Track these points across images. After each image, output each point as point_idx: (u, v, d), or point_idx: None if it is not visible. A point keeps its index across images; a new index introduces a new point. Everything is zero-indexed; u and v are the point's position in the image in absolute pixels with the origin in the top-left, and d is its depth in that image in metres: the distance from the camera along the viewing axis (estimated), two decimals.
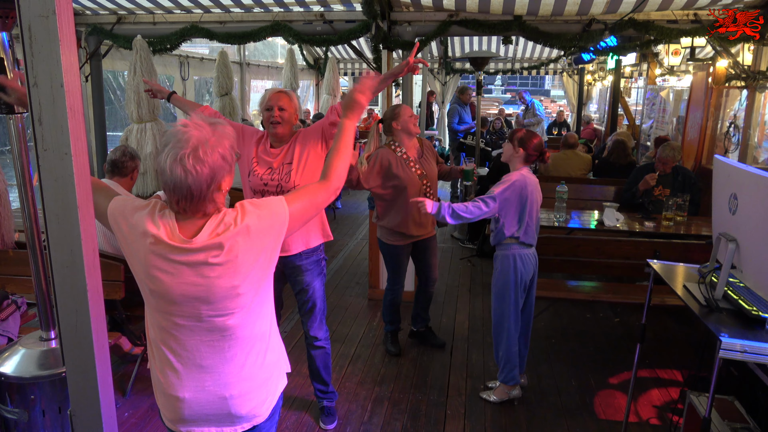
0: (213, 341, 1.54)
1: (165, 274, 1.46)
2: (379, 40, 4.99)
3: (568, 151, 6.16)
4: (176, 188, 1.40)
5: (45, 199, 1.18)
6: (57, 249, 1.21)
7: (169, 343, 1.55)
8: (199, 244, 1.44)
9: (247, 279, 1.50)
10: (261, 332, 1.62)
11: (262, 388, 1.64)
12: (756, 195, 1.86)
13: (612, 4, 4.71)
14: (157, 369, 1.59)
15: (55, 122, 1.16)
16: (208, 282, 1.46)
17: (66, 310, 1.24)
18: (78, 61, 1.19)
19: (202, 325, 1.52)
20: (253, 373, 1.60)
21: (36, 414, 2.14)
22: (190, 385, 1.55)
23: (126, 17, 5.61)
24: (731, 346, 1.73)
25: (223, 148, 1.42)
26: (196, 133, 1.39)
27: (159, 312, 1.54)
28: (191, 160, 1.36)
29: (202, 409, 1.57)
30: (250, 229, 1.48)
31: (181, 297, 1.48)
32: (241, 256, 1.47)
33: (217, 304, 1.49)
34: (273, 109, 2.66)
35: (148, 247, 1.46)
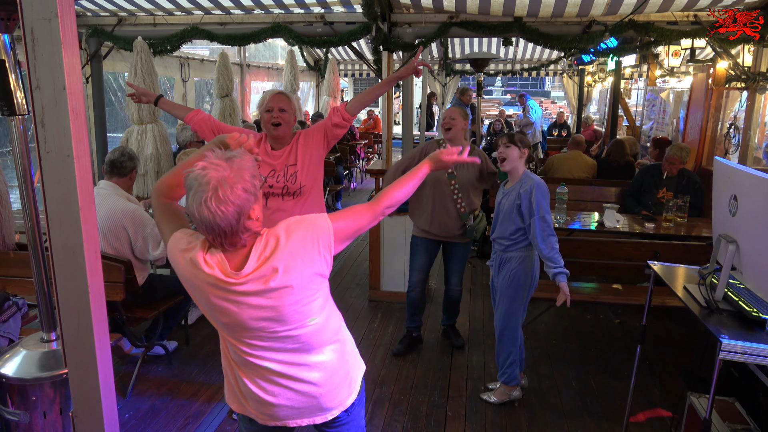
0: (294, 352, 1.63)
1: (231, 304, 1.52)
2: (379, 41, 4.99)
3: (574, 152, 6.12)
4: (209, 229, 1.45)
5: (47, 201, 1.19)
6: (59, 251, 1.21)
7: (250, 367, 1.64)
8: (250, 272, 1.49)
9: (308, 291, 1.56)
10: (334, 330, 1.72)
11: (346, 378, 1.76)
12: (756, 196, 1.86)
13: (612, 6, 4.71)
14: (238, 385, 1.69)
15: (58, 125, 1.16)
16: (275, 304, 1.52)
17: (68, 311, 1.24)
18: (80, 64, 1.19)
19: (281, 342, 1.60)
20: (336, 368, 1.71)
21: (37, 415, 2.14)
22: (281, 393, 1.66)
23: (127, 19, 5.62)
24: (731, 347, 1.73)
25: (243, 183, 1.44)
26: (215, 174, 1.42)
27: (235, 339, 1.61)
28: (214, 203, 1.40)
29: (293, 409, 1.69)
30: (296, 245, 1.53)
31: (253, 322, 1.54)
32: (295, 273, 1.52)
33: (290, 322, 1.57)
34: (273, 111, 2.66)
35: (206, 288, 1.51)
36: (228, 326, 1.58)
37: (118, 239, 3.30)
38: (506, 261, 3.13)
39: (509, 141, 3.04)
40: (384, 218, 4.09)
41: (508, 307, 3.14)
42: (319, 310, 1.63)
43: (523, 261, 3.07)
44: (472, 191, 3.61)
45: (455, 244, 3.73)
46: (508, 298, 3.13)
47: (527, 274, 3.07)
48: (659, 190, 4.62)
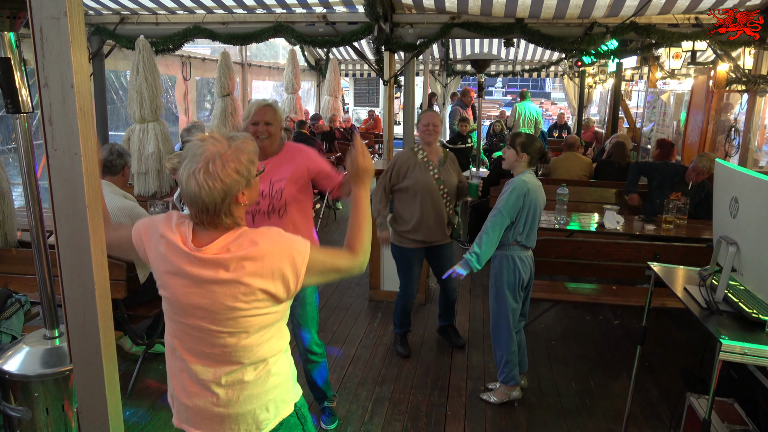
0: (214, 356, 1.54)
1: (177, 277, 1.47)
2: (381, 41, 5.01)
3: (569, 153, 6.17)
4: (192, 201, 1.42)
5: (54, 198, 1.20)
6: (66, 248, 1.22)
7: (177, 348, 1.58)
8: (208, 255, 1.45)
9: (253, 303, 1.48)
10: (265, 356, 1.59)
11: (260, 412, 1.61)
12: (757, 199, 1.87)
13: (613, 8, 4.73)
14: (171, 370, 1.64)
15: (66, 123, 1.17)
16: (214, 298, 1.47)
17: (74, 308, 1.25)
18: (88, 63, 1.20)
19: (208, 341, 1.52)
20: (251, 396, 1.58)
21: (39, 412, 2.15)
22: (195, 396, 1.57)
23: (129, 17, 5.63)
24: (731, 348, 1.74)
25: (237, 163, 1.42)
26: (211, 148, 1.41)
27: (173, 321, 1.57)
28: (202, 175, 1.38)
29: (200, 418, 1.59)
30: (263, 255, 1.47)
31: (190, 308, 1.49)
32: (246, 279, 1.45)
33: (221, 324, 1.49)
34: (259, 124, 2.61)
35: (163, 252, 1.48)
36: (170, 303, 1.53)
37: None
38: (493, 260, 3.20)
39: (510, 143, 3.12)
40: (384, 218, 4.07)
41: (494, 306, 3.21)
42: (257, 328, 1.54)
43: (503, 259, 3.12)
44: (454, 195, 3.70)
45: (442, 246, 3.74)
46: (493, 296, 3.21)
47: (509, 273, 3.11)
48: (674, 192, 4.60)
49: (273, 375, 1.61)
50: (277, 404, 1.64)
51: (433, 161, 3.59)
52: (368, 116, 13.07)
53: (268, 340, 1.58)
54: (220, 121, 6.51)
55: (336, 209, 7.98)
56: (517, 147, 3.05)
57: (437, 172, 3.56)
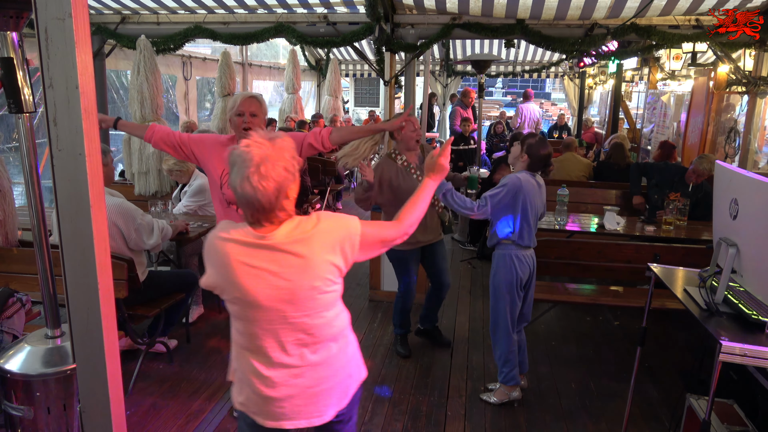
0: (300, 343, 1.66)
1: (251, 270, 1.56)
2: (382, 42, 5.01)
3: (568, 154, 6.18)
4: (249, 204, 1.52)
5: (58, 199, 1.20)
6: (70, 248, 1.22)
7: (256, 353, 1.67)
8: (276, 241, 1.57)
9: (324, 279, 1.62)
10: (341, 328, 1.76)
11: (347, 379, 1.78)
12: (756, 200, 1.88)
13: (614, 9, 4.73)
14: (248, 373, 1.70)
15: (70, 123, 1.18)
16: (290, 284, 1.58)
17: (77, 308, 1.26)
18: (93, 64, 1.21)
19: (289, 329, 1.63)
20: (338, 367, 1.74)
21: (41, 411, 2.16)
22: (282, 387, 1.67)
23: (130, 17, 5.63)
24: (731, 349, 1.74)
25: (284, 161, 1.53)
26: (258, 151, 1.50)
27: (247, 321, 1.65)
28: (256, 178, 1.48)
29: (292, 406, 1.69)
30: (325, 231, 1.61)
31: (267, 301, 1.59)
32: (318, 256, 1.59)
33: (301, 307, 1.61)
34: (245, 115, 2.63)
35: (229, 258, 1.58)
36: (242, 303, 1.61)
37: (111, 236, 3.31)
38: (492, 259, 3.22)
39: (521, 140, 3.10)
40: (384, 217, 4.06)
41: (493, 305, 3.22)
42: (331, 304, 1.69)
43: (501, 259, 3.13)
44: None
45: (435, 244, 3.75)
46: (492, 295, 3.21)
47: (506, 272, 3.11)
48: (672, 192, 4.61)
49: (350, 343, 1.81)
50: (359, 368, 1.85)
51: (414, 163, 3.56)
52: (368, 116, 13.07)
53: (339, 314, 1.76)
54: (221, 120, 6.52)
55: (336, 209, 7.98)
56: (524, 146, 3.06)
57: (419, 173, 3.54)
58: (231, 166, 1.53)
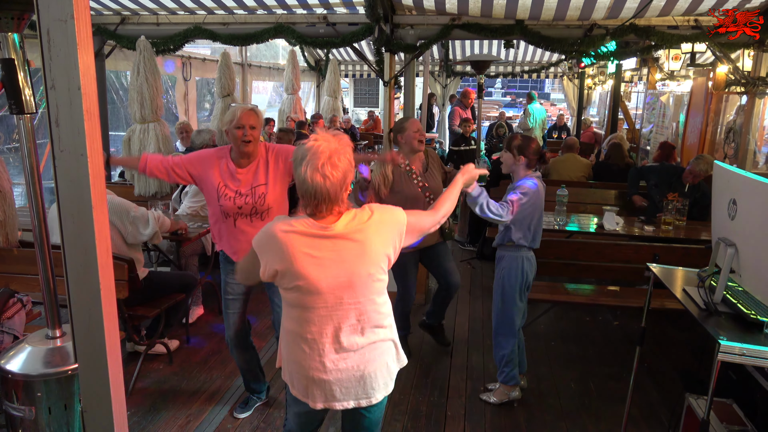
0: (353, 328, 1.79)
1: (313, 260, 1.70)
2: (381, 43, 5.02)
3: (568, 155, 6.20)
4: (317, 193, 1.66)
5: (60, 199, 1.21)
6: (72, 248, 1.23)
7: (308, 333, 1.79)
8: (339, 231, 1.70)
9: (378, 267, 1.77)
10: (387, 314, 1.89)
11: (392, 364, 1.92)
12: (755, 200, 1.89)
13: (613, 10, 4.74)
14: (299, 358, 1.83)
15: (72, 124, 1.19)
16: (349, 270, 1.72)
17: (79, 308, 1.26)
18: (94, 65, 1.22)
19: (343, 312, 1.76)
20: (384, 351, 1.87)
21: (42, 411, 2.16)
22: (333, 369, 1.80)
23: (130, 18, 5.64)
24: (730, 349, 1.75)
25: (348, 154, 1.70)
26: (327, 144, 1.66)
27: (304, 307, 1.77)
28: (329, 168, 1.63)
29: (342, 389, 1.82)
30: (380, 222, 1.76)
31: (326, 287, 1.72)
32: (375, 245, 1.74)
33: (357, 291, 1.75)
34: (245, 128, 2.68)
35: (292, 249, 1.69)
36: (303, 291, 1.73)
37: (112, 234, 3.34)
38: (499, 260, 3.20)
39: (506, 147, 3.11)
40: None
41: (499, 306, 3.20)
42: (381, 291, 1.83)
43: (513, 260, 3.11)
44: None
45: (435, 246, 3.72)
46: (499, 296, 3.19)
47: (517, 274, 3.10)
48: (670, 192, 4.62)
49: (393, 327, 1.93)
50: (399, 351, 1.97)
51: (417, 169, 3.53)
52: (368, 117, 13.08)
53: (387, 302, 1.88)
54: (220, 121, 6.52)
55: None
56: (514, 150, 3.05)
57: (421, 179, 3.52)
58: (299, 160, 1.66)
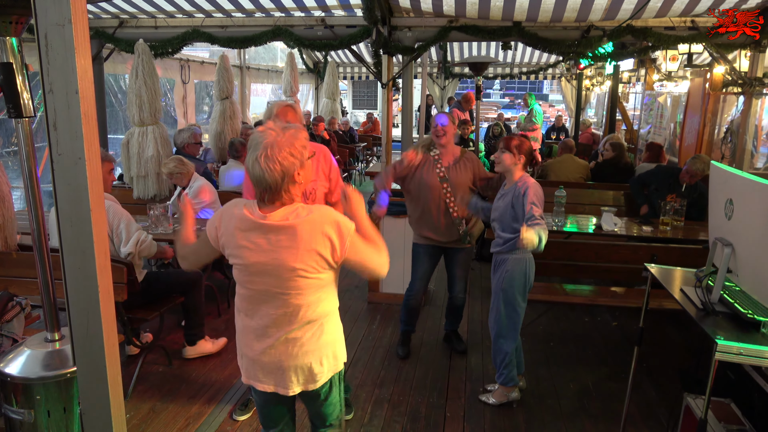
0: (277, 316, 1.85)
1: (248, 243, 1.78)
2: (379, 45, 5.03)
3: (566, 156, 6.21)
4: (258, 182, 1.73)
5: (58, 203, 1.21)
6: (70, 252, 1.23)
7: (246, 311, 1.90)
8: (273, 222, 1.76)
9: (309, 264, 1.78)
10: (320, 315, 1.91)
11: (315, 365, 1.92)
12: (751, 200, 1.90)
13: (610, 11, 4.76)
14: (240, 331, 1.95)
15: (70, 128, 1.19)
16: (277, 258, 1.76)
17: (78, 312, 1.27)
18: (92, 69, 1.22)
19: (275, 300, 1.83)
20: (308, 350, 1.89)
21: (41, 414, 2.16)
22: (258, 348, 1.89)
23: (128, 21, 5.65)
24: (727, 348, 1.76)
25: (291, 148, 1.72)
26: (269, 136, 1.71)
27: (241, 284, 1.88)
28: (263, 160, 1.68)
29: (265, 372, 1.91)
30: (316, 222, 1.78)
31: (257, 272, 1.80)
32: (304, 241, 1.76)
33: (283, 282, 1.79)
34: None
35: (235, 226, 1.80)
36: (241, 268, 1.83)
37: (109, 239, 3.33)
38: (501, 262, 3.16)
39: (505, 146, 3.09)
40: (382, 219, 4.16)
41: (504, 310, 3.16)
42: (312, 290, 1.84)
43: (517, 263, 3.10)
44: (463, 195, 3.57)
45: (456, 250, 3.71)
46: (502, 299, 3.15)
47: (521, 276, 3.09)
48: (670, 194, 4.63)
49: (325, 333, 1.94)
50: (329, 360, 1.97)
51: (444, 161, 3.55)
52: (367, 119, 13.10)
53: (321, 302, 1.89)
54: (219, 124, 6.53)
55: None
56: (513, 149, 3.06)
57: (444, 170, 3.52)
58: (248, 147, 1.74)
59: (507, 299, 3.14)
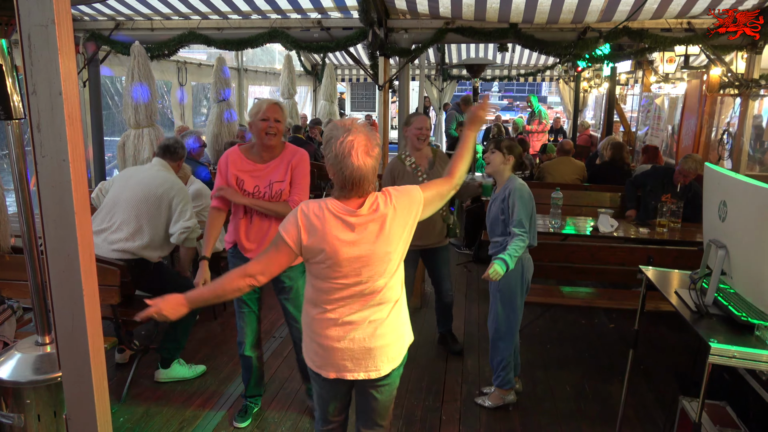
0: (367, 299, 1.92)
1: (339, 237, 1.83)
2: (376, 47, 5.03)
3: (563, 158, 6.20)
4: (350, 177, 1.80)
5: (42, 205, 1.20)
6: (54, 254, 1.22)
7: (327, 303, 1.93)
8: (361, 213, 1.84)
9: (397, 245, 1.90)
10: (399, 292, 2.01)
11: (401, 339, 2.04)
12: (744, 202, 1.89)
13: (607, 13, 4.76)
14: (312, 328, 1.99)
15: (54, 129, 1.18)
16: (370, 249, 1.85)
17: (63, 315, 1.25)
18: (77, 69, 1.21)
19: (359, 287, 1.89)
20: (394, 326, 2.00)
21: (31, 418, 2.14)
22: (344, 339, 1.93)
23: (124, 23, 5.65)
24: (721, 351, 1.74)
25: (377, 142, 1.86)
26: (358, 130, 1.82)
27: (323, 279, 1.91)
28: (362, 154, 1.79)
29: (355, 360, 1.95)
30: (399, 207, 1.90)
31: (347, 261, 1.84)
32: (393, 228, 1.87)
33: (374, 268, 1.87)
34: (270, 120, 2.73)
35: (325, 225, 1.83)
36: (329, 263, 1.85)
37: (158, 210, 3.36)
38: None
39: (495, 147, 3.10)
40: None
41: (499, 311, 3.16)
42: (396, 270, 1.96)
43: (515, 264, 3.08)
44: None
45: (437, 249, 3.72)
46: (499, 301, 3.15)
47: (517, 278, 3.09)
48: (665, 194, 4.62)
49: (403, 310, 2.07)
50: (405, 336, 2.08)
51: (422, 166, 3.57)
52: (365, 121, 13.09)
53: (399, 282, 2.01)
54: (215, 126, 6.52)
55: None
56: (504, 150, 3.06)
57: (426, 177, 3.54)
58: (331, 142, 1.80)
59: (504, 301, 3.13)
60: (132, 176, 3.50)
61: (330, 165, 1.83)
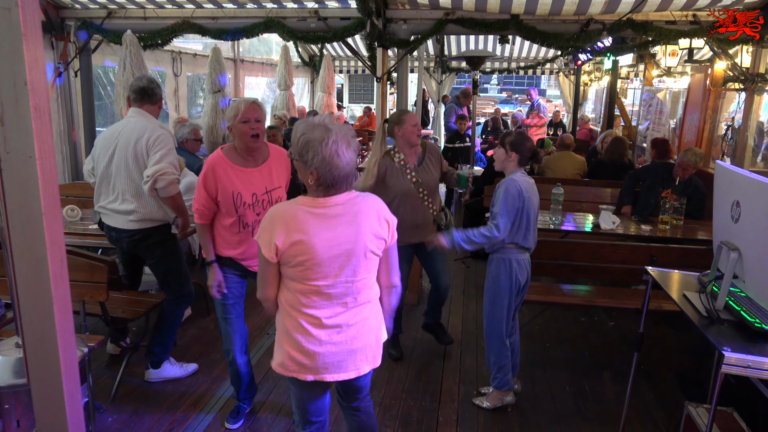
0: (345, 303, 1.90)
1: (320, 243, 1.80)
2: (374, 38, 4.92)
3: (563, 152, 6.11)
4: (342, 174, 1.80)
5: (7, 205, 1.10)
6: (21, 258, 1.12)
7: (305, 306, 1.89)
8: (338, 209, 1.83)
9: (374, 243, 1.90)
10: (376, 293, 2.03)
11: (377, 340, 2.04)
12: (760, 203, 1.79)
13: (610, 4, 4.65)
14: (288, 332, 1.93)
15: (19, 123, 1.08)
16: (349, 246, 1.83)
17: (31, 324, 1.16)
18: (44, 58, 1.11)
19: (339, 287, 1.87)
20: (371, 327, 1.99)
21: (10, 424, 2.06)
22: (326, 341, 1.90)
23: (116, 11, 5.51)
24: (735, 361, 1.65)
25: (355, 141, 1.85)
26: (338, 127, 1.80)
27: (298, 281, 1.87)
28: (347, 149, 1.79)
29: (335, 361, 1.93)
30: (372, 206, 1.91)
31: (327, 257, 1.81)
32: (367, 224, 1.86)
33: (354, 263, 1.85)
34: (250, 122, 2.60)
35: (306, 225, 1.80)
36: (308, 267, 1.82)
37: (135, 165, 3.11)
38: (490, 263, 3.12)
39: (500, 142, 3.04)
40: None
41: (489, 310, 3.13)
42: (373, 269, 1.96)
43: (503, 263, 3.03)
44: (437, 192, 3.58)
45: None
46: (489, 299, 3.12)
47: (507, 277, 3.02)
48: (664, 190, 4.53)
49: (379, 308, 2.06)
50: (383, 333, 2.09)
51: (411, 163, 3.46)
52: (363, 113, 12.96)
53: (376, 282, 2.02)
54: (211, 117, 6.41)
55: None
56: (507, 146, 2.97)
57: (414, 175, 3.44)
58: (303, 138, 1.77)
59: (493, 300, 3.11)
60: (111, 136, 3.18)
61: (315, 168, 1.77)
